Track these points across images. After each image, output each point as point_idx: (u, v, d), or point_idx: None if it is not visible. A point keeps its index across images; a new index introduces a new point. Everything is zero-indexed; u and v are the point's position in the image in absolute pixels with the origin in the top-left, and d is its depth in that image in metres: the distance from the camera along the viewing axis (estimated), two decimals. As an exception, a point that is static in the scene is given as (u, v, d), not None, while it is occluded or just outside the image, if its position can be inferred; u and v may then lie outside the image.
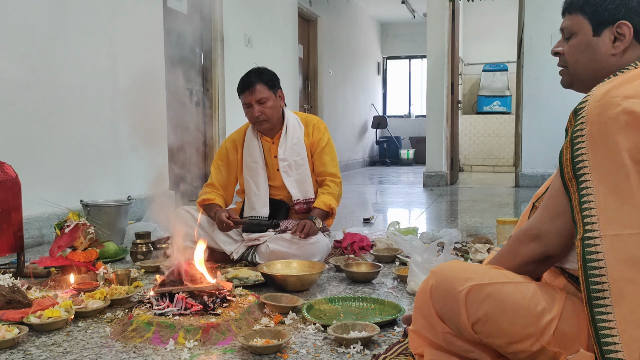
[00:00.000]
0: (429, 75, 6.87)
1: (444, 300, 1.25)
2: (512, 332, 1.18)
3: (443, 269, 1.29)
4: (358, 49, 10.80)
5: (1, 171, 2.30)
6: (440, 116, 6.82)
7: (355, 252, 2.83)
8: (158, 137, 4.49)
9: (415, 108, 12.82)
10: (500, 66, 10.12)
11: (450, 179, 7.00)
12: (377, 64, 12.34)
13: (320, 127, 2.85)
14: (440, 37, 6.73)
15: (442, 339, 1.29)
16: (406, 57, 12.76)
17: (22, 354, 1.59)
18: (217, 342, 1.64)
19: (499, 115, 9.78)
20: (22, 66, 3.16)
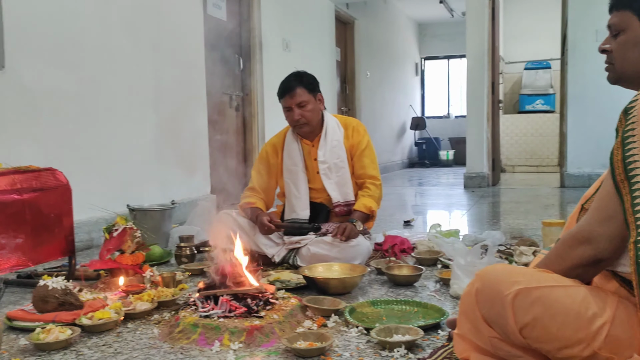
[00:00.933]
0: (468, 75, 6.77)
1: (491, 304, 1.23)
2: (562, 337, 1.15)
3: (489, 272, 1.27)
4: (396, 50, 10.74)
5: (53, 177, 2.38)
6: (481, 116, 6.71)
7: (396, 255, 2.82)
8: (199, 142, 4.59)
9: (454, 108, 12.65)
10: (542, 64, 9.88)
11: (491, 180, 6.88)
12: (415, 64, 12.23)
13: (359, 130, 2.85)
14: (480, 36, 6.63)
15: (488, 343, 1.27)
16: (445, 57, 12.61)
17: (75, 354, 1.64)
18: (261, 345, 1.66)
19: (542, 114, 9.54)
20: (71, 77, 3.28)
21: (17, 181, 2.19)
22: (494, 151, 6.99)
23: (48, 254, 2.32)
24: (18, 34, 2.93)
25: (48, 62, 3.14)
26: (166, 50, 4.11)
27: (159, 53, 4.04)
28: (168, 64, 4.13)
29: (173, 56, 4.19)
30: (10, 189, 2.14)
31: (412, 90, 12.13)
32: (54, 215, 2.33)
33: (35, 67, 3.05)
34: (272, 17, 5.71)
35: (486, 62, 6.66)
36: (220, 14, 5.04)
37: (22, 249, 2.17)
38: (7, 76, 2.87)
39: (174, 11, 4.20)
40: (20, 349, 1.68)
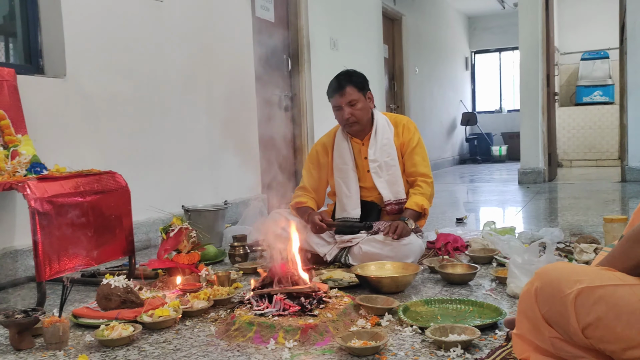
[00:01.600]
0: (522, 68, 6.58)
1: (551, 304, 1.20)
2: (627, 337, 1.11)
3: (549, 271, 1.24)
4: (445, 45, 10.56)
5: (113, 180, 2.48)
6: (536, 110, 6.51)
7: (449, 253, 2.78)
8: (250, 143, 4.66)
9: (506, 102, 12.33)
10: (600, 54, 9.49)
11: (548, 175, 6.66)
12: (465, 59, 12.00)
13: (410, 127, 2.83)
14: (533, 27, 6.43)
15: (549, 343, 1.24)
16: (496, 50, 12.30)
17: (137, 350, 1.70)
18: (315, 343, 1.68)
19: (601, 106, 9.17)
20: (127, 83, 3.40)
21: (80, 184, 2.29)
22: (550, 145, 6.77)
23: (110, 254, 2.42)
24: (77, 44, 3.06)
25: (106, 70, 3.26)
26: (217, 53, 4.20)
27: (210, 56, 4.13)
28: (219, 67, 4.22)
29: (223, 59, 4.27)
30: (74, 192, 2.24)
31: (462, 85, 11.90)
32: (114, 216, 2.43)
33: (94, 75, 3.17)
34: (319, 16, 5.73)
35: (540, 53, 6.45)
36: (268, 16, 5.09)
37: (85, 249, 2.27)
38: (68, 84, 3.01)
39: (223, 15, 4.28)
40: (85, 345, 1.75)
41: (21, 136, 2.52)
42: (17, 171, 2.29)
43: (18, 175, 2.27)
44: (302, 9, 5.48)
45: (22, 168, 2.31)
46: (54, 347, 1.71)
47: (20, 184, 2.08)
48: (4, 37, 3.11)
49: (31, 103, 2.74)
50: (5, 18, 3.08)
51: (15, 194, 2.65)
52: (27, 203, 2.05)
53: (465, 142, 11.74)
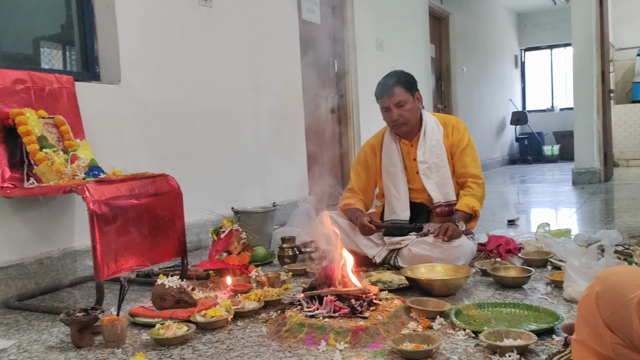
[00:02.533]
0: (575, 65, 6.36)
1: (613, 309, 1.15)
2: (697, 345, 1.05)
3: (610, 274, 1.19)
4: (493, 43, 10.35)
5: (166, 183, 2.54)
6: (590, 108, 6.28)
7: (501, 256, 2.72)
8: (297, 145, 4.69)
9: (558, 101, 11.97)
10: (658, 48, 9.08)
11: (603, 175, 6.42)
12: (515, 56, 11.71)
13: (459, 128, 2.78)
14: (586, 22, 6.21)
15: (611, 350, 1.19)
16: (547, 47, 11.95)
17: (192, 349, 1.74)
18: (366, 345, 1.67)
19: (659, 103, 8.77)
20: (178, 88, 3.48)
21: (135, 187, 2.36)
22: (606, 144, 6.52)
23: (163, 255, 2.48)
24: (131, 51, 3.16)
25: (158, 75, 3.35)
26: (264, 56, 4.25)
27: (257, 60, 4.18)
28: (266, 70, 4.26)
29: (270, 62, 4.32)
30: (130, 194, 2.31)
31: (512, 84, 11.62)
32: (167, 218, 2.49)
33: (146, 81, 3.26)
34: (365, 17, 5.71)
35: (594, 49, 6.23)
36: (315, 18, 5.12)
37: (141, 250, 2.34)
38: (123, 89, 3.10)
39: (270, 18, 4.33)
40: (142, 344, 1.80)
41: (79, 141, 2.62)
42: (76, 175, 2.38)
43: (77, 178, 2.36)
44: (348, 11, 5.48)
45: (81, 172, 2.40)
46: (113, 344, 1.77)
47: (79, 187, 2.17)
48: (62, 45, 3.24)
49: (88, 109, 2.84)
50: (62, 27, 3.22)
51: (74, 197, 2.76)
52: (86, 205, 2.13)
53: (515, 142, 11.46)
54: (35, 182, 2.38)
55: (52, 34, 3.21)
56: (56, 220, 2.72)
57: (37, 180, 2.37)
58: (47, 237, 2.68)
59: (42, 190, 2.28)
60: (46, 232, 2.68)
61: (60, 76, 2.71)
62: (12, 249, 2.53)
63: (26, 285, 2.54)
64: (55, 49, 3.22)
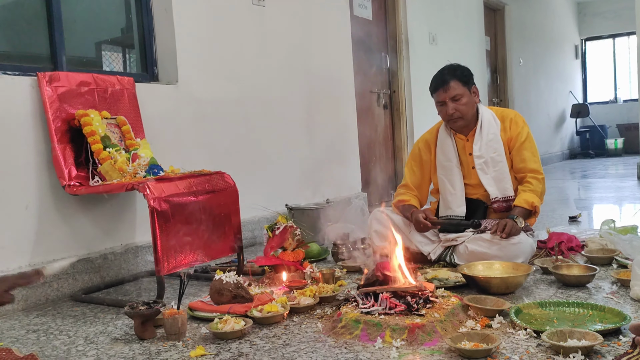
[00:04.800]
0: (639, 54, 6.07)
1: (688, 310, 1.09)
2: None
3: (685, 274, 1.13)
4: (551, 34, 9.99)
5: (222, 180, 2.59)
6: (657, 98, 5.98)
7: (563, 253, 2.62)
8: (350, 142, 4.69)
9: (622, 92, 11.43)
10: None
11: (672, 169, 6.10)
12: (575, 47, 11.27)
13: (518, 122, 2.70)
14: (652, 9, 5.91)
15: (685, 353, 1.13)
16: (609, 37, 11.45)
17: (249, 344, 1.77)
18: (423, 343, 1.65)
19: None
20: (233, 87, 3.54)
21: (192, 184, 2.42)
22: (675, 137, 6.19)
23: (220, 251, 2.53)
24: (187, 52, 3.24)
25: (213, 75, 3.42)
26: (316, 53, 4.26)
27: (310, 57, 4.20)
28: (319, 67, 4.28)
29: (323, 58, 4.33)
30: (188, 192, 2.37)
31: (572, 75, 11.20)
32: (224, 214, 2.54)
33: (202, 81, 3.34)
34: (417, 11, 5.64)
35: (661, 37, 5.92)
36: (366, 14, 5.09)
37: (199, 246, 2.40)
38: (180, 90, 3.19)
39: (322, 15, 4.34)
40: (201, 337, 1.85)
41: (140, 140, 2.71)
42: (138, 173, 2.46)
43: (138, 176, 2.45)
44: (399, 5, 5.43)
45: (142, 170, 2.48)
46: (174, 337, 1.82)
47: (140, 184, 2.24)
48: (122, 48, 3.36)
49: (147, 109, 2.93)
50: (122, 30, 3.33)
51: (135, 194, 2.86)
52: (147, 202, 2.20)
53: (576, 136, 11.05)
54: (99, 180, 2.47)
55: (113, 38, 3.34)
56: (119, 216, 2.83)
57: (101, 179, 2.47)
58: (110, 233, 2.79)
59: (106, 188, 2.37)
60: (110, 228, 2.79)
61: (122, 78, 2.81)
62: (79, 244, 2.65)
63: (92, 279, 2.65)
64: (116, 51, 3.34)
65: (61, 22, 2.77)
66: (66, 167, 2.46)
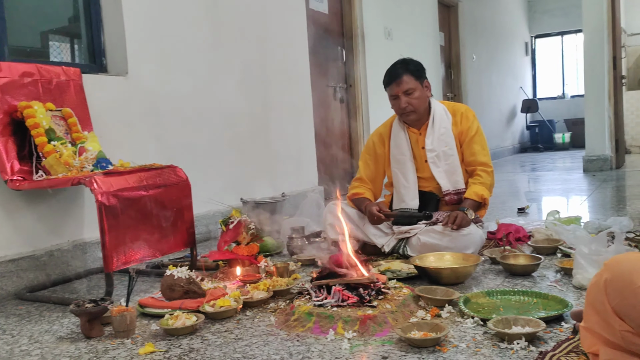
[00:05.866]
0: (586, 51, 6.29)
1: (622, 296, 1.14)
2: None
3: (619, 262, 1.18)
4: (503, 31, 10.24)
5: (175, 174, 2.55)
6: (601, 94, 6.21)
7: (511, 244, 2.70)
8: (306, 135, 4.69)
9: (569, 88, 11.84)
10: (671, 33, 8.94)
11: (615, 162, 6.36)
12: (525, 44, 11.59)
13: (468, 116, 2.76)
14: (598, 7, 6.12)
15: (619, 337, 1.18)
16: (558, 34, 11.81)
17: (200, 339, 1.75)
18: (374, 334, 1.67)
19: (673, 88, 8.65)
20: (187, 79, 3.48)
21: (143, 178, 2.37)
22: (617, 131, 6.45)
23: (172, 246, 2.49)
24: (138, 43, 3.16)
25: (165, 67, 3.35)
26: (271, 47, 4.23)
27: (264, 50, 4.17)
28: (274, 61, 4.25)
29: (278, 52, 4.30)
30: (138, 186, 2.32)
31: (522, 71, 11.51)
32: (176, 209, 2.50)
33: (154, 72, 3.26)
34: (373, 6, 5.67)
35: (606, 35, 6.14)
36: (322, 7, 5.09)
37: (150, 241, 2.35)
38: (130, 81, 3.11)
39: (277, 8, 4.31)
40: (151, 334, 1.82)
41: (87, 133, 2.63)
42: (85, 167, 2.39)
43: (85, 170, 2.38)
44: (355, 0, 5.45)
45: (89, 164, 2.41)
46: (122, 335, 1.79)
47: (87, 179, 2.18)
48: (69, 38, 3.25)
49: (95, 101, 2.85)
50: (70, 20, 3.22)
51: (83, 189, 2.78)
52: (94, 197, 2.14)
53: (526, 130, 11.38)
54: (44, 174, 2.39)
55: (59, 27, 3.22)
56: (66, 212, 2.74)
57: (45, 173, 2.39)
58: (57, 229, 2.70)
59: (51, 182, 2.29)
60: (56, 224, 2.70)
61: (68, 68, 2.72)
62: (23, 241, 2.56)
63: (37, 277, 2.56)
64: (63, 42, 3.23)
65: (3, 10, 2.65)
66: (8, 161, 2.36)
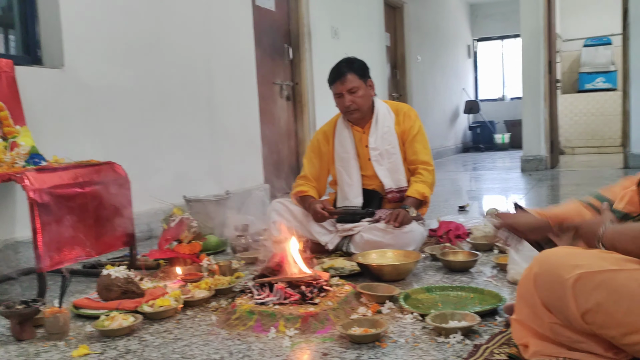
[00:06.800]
0: (524, 55, 6.53)
1: (550, 289, 1.19)
2: (627, 322, 1.10)
3: (548, 256, 1.23)
4: (447, 33, 10.49)
5: (113, 171, 2.47)
6: (538, 97, 6.47)
7: (451, 241, 2.77)
8: (251, 132, 4.65)
9: (509, 90, 12.27)
10: (602, 40, 9.40)
11: (550, 162, 6.64)
12: (468, 47, 11.92)
13: (410, 115, 2.81)
14: (534, 14, 6.38)
15: (548, 329, 1.24)
16: (498, 38, 12.21)
17: (138, 340, 1.70)
18: (316, 331, 1.67)
19: (603, 93, 9.11)
20: (127, 73, 3.38)
21: (79, 175, 2.29)
22: (552, 133, 6.74)
23: (110, 245, 2.42)
24: (75, 34, 3.04)
25: (104, 60, 3.24)
26: (217, 42, 4.17)
27: (210, 46, 4.11)
28: (219, 56, 4.19)
29: (223, 48, 4.25)
30: (73, 183, 2.24)
31: (465, 73, 11.84)
32: (114, 207, 2.42)
33: (92, 65, 3.15)
34: (320, 5, 5.68)
35: (542, 40, 6.40)
36: (269, 4, 5.06)
37: (85, 240, 2.27)
38: (66, 74, 2.99)
39: (223, 4, 4.25)
40: (86, 336, 1.76)
41: (20, 127, 2.51)
42: (16, 162, 2.29)
43: (17, 166, 2.27)
44: (302, -3, 5.45)
45: (21, 159, 2.30)
46: (55, 337, 1.72)
47: (18, 175, 2.08)
48: (1, 28, 3.09)
49: (29, 94, 2.72)
50: (3, 9, 3.07)
51: (14, 186, 2.65)
52: (26, 194, 2.05)
53: (469, 131, 11.70)
54: (-29, 170, 2.26)
55: (-10, 16, 3.07)
56: (-4, 210, 2.62)
57: (-27, 169, 2.27)
58: (-14, 228, 2.57)
59: (-21, 178, 2.17)
60: (-14, 222, 2.57)
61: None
62: (-51, 240, 2.42)
63: (-36, 278, 2.43)
64: (-6, 31, 3.07)
65: None
66: None
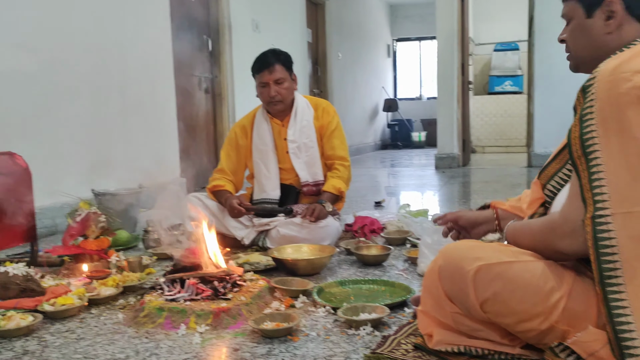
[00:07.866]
0: (439, 57, 6.79)
1: (453, 281, 1.25)
2: (521, 311, 1.17)
3: (451, 249, 1.28)
4: (367, 32, 10.69)
5: (12, 162, 2.32)
6: (451, 98, 6.75)
7: (366, 235, 2.83)
8: (168, 125, 4.52)
9: (426, 90, 12.71)
10: (511, 45, 9.96)
11: (462, 160, 6.95)
12: (387, 46, 12.21)
13: (329, 111, 2.84)
14: (449, 17, 6.64)
15: (450, 319, 1.29)
16: (417, 39, 12.61)
17: (37, 340, 1.61)
18: (228, 327, 1.65)
19: (511, 95, 9.65)
20: (31, 58, 3.17)
21: (-27, 166, 2.12)
22: (464, 132, 7.05)
23: (8, 240, 2.27)
24: (-27, 13, 2.82)
25: (6, 43, 3.03)
26: (131, 30, 4.01)
27: (124, 33, 3.94)
28: (133, 45, 4.04)
29: (138, 37, 4.09)
30: (-33, 174, 2.08)
31: (384, 72, 12.12)
32: (13, 200, 2.27)
33: (-8, 48, 2.94)
34: (240, -3, 5.61)
35: (456, 43, 6.68)
36: (187, -6, 4.93)
37: (-20, 236, 2.11)
38: (-38, 57, 2.77)
39: (138, -10, 4.10)
40: (-21, 337, 1.64)
41: None
42: None
43: None
44: (222, -12, 5.35)
45: None
46: (-58, 340, 1.59)
47: None
48: None
49: None
50: None
51: None
52: None
53: (387, 128, 12.00)
54: None
55: None
56: None
57: None
58: None
59: None
60: None
61: None
62: None
63: None
64: None
65: None
66: None
